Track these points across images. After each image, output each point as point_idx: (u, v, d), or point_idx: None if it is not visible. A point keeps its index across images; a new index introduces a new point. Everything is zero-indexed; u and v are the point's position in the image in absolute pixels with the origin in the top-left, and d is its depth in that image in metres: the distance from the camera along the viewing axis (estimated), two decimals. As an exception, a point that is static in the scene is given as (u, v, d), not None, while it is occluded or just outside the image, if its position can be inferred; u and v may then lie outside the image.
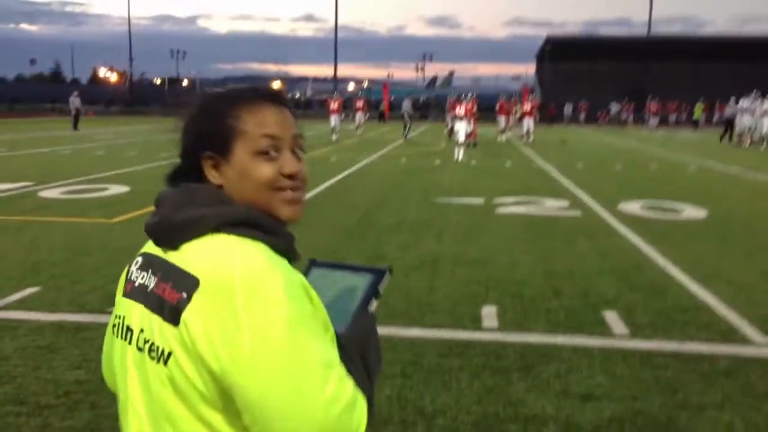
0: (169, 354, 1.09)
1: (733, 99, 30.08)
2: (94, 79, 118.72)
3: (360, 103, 33.20)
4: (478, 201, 11.28)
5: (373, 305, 1.28)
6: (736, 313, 5.39)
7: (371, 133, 31.48)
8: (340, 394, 1.05)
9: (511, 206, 10.76)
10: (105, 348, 1.29)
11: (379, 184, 13.41)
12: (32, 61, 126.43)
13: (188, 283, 1.09)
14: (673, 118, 51.54)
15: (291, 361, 1.02)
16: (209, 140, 1.20)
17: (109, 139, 26.62)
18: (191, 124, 1.24)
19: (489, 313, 5.33)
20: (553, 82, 57.40)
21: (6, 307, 5.32)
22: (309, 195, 11.58)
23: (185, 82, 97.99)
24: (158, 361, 1.11)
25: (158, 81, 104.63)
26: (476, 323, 5.12)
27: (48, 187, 12.18)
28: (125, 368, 1.19)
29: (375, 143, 26.72)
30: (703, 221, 9.71)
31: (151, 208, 1.24)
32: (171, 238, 1.16)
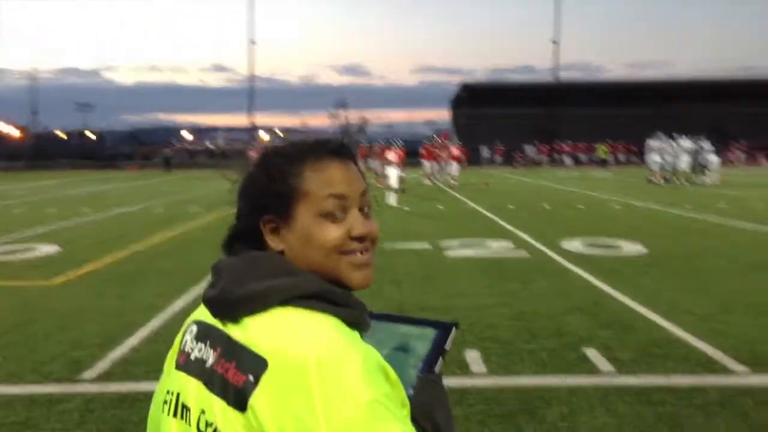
0: None
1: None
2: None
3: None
4: (424, 245, 11.33)
5: (439, 365, 1.20)
6: (708, 344, 5.57)
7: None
8: None
9: (458, 249, 10.86)
10: (151, 425, 1.17)
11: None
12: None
13: (255, 365, 0.99)
14: (584, 158, 53.74)
15: None
16: (269, 202, 1.10)
17: (23, 196, 25.44)
18: (249, 184, 1.15)
19: (474, 359, 5.31)
20: (468, 127, 58.93)
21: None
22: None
23: (92, 135, 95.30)
24: None
25: (63, 135, 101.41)
26: (464, 369, 5.08)
27: (-29, 249, 11.47)
28: None
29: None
30: (644, 257, 10.05)
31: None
32: (233, 312, 1.06)
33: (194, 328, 1.14)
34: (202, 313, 1.13)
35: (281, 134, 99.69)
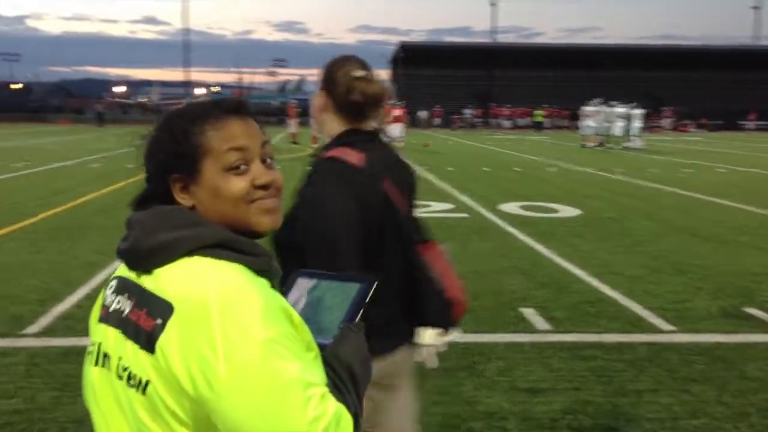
0: (147, 382, 1.07)
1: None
2: None
3: (289, 110, 33.46)
4: (365, 206, 11.40)
5: (359, 316, 1.27)
6: (637, 304, 5.85)
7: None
8: (322, 413, 1.03)
9: (399, 210, 10.96)
10: (84, 375, 1.23)
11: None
12: None
13: (162, 310, 1.06)
14: (521, 121, 54.56)
15: (269, 384, 1.01)
16: (175, 162, 1.16)
17: (-55, 149, 24.35)
18: (155, 146, 1.20)
19: (415, 317, 5.45)
20: (407, 88, 58.93)
21: None
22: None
23: (19, 86, 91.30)
24: (137, 389, 1.09)
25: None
26: (406, 327, 5.22)
27: None
28: (105, 395, 1.16)
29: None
30: (579, 219, 10.38)
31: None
32: (144, 263, 1.13)
33: (114, 283, 1.20)
34: (123, 270, 1.19)
35: (217, 90, 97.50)
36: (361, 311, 1.25)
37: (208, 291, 1.04)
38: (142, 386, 1.06)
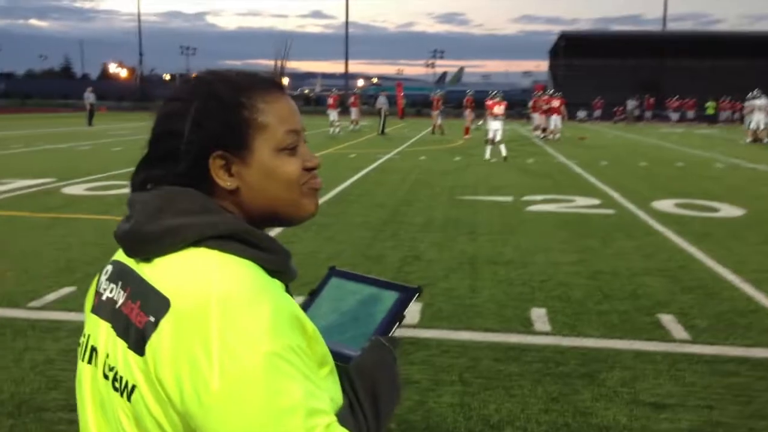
0: (133, 387, 0.92)
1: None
2: (105, 74, 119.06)
3: (353, 99, 33.92)
4: (506, 199, 11.08)
5: (394, 329, 1.11)
6: (798, 317, 5.18)
7: (388, 130, 31.30)
8: None
9: (541, 204, 10.55)
10: (77, 373, 1.10)
11: (403, 182, 13.22)
12: (42, 57, 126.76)
13: (158, 305, 0.92)
14: (691, 114, 51.10)
15: (266, 407, 0.85)
16: (222, 136, 1.00)
17: (125, 135, 26.52)
18: (197, 117, 1.01)
19: (539, 316, 5.14)
20: (567, 79, 56.96)
21: (44, 308, 5.17)
22: (333, 192, 11.46)
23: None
24: (122, 394, 0.94)
25: (168, 77, 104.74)
26: (527, 326, 4.93)
27: (71, 184, 12.06)
28: (90, 396, 1.02)
29: (392, 140, 26.53)
30: (741, 220, 9.46)
31: None
32: (144, 250, 0.99)
33: (109, 268, 1.07)
34: (121, 254, 1.06)
35: (377, 81, 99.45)
36: (398, 324, 1.10)
37: (210, 288, 0.90)
38: (127, 391, 0.94)
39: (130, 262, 1.02)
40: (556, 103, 28.40)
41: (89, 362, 1.03)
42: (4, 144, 20.93)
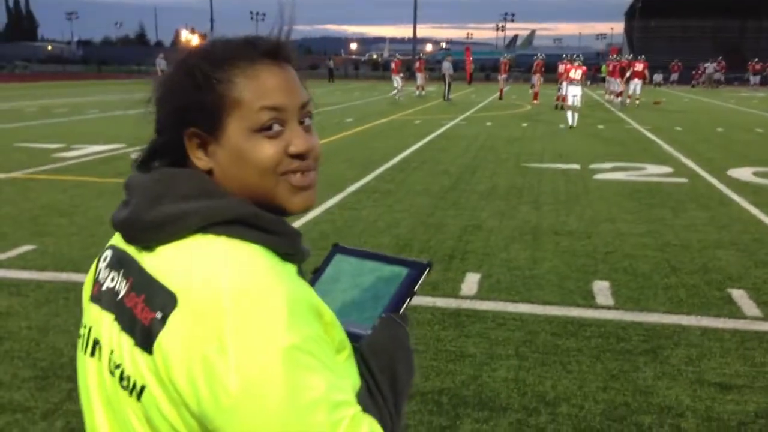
0: (143, 387, 0.86)
1: None
2: (177, 41, 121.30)
3: (418, 65, 33.04)
4: (573, 166, 10.78)
5: (406, 306, 1.03)
6: None
7: (453, 96, 30.87)
8: None
9: (609, 172, 10.22)
10: (78, 366, 1.03)
11: (468, 149, 13.02)
12: (118, 25, 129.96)
13: (164, 300, 0.85)
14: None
15: (289, 405, 0.80)
16: (193, 113, 0.92)
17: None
18: (169, 91, 0.96)
19: (602, 289, 4.98)
20: (643, 41, 54.91)
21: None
22: (396, 159, 11.37)
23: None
24: (130, 393, 0.88)
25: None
26: (589, 300, 4.79)
27: (139, 150, 12.32)
28: (98, 392, 0.95)
29: (457, 106, 26.18)
30: (824, 190, 8.95)
31: None
32: (145, 238, 0.91)
33: (108, 253, 1.00)
34: (119, 239, 0.99)
35: (446, 46, 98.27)
36: (408, 300, 1.03)
37: (221, 281, 0.83)
38: (136, 391, 0.88)
39: (130, 250, 0.95)
40: (639, 66, 27.05)
41: (92, 355, 0.97)
42: (80, 109, 21.60)
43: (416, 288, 1.04)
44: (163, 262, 0.89)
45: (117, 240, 1.00)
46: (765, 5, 56.74)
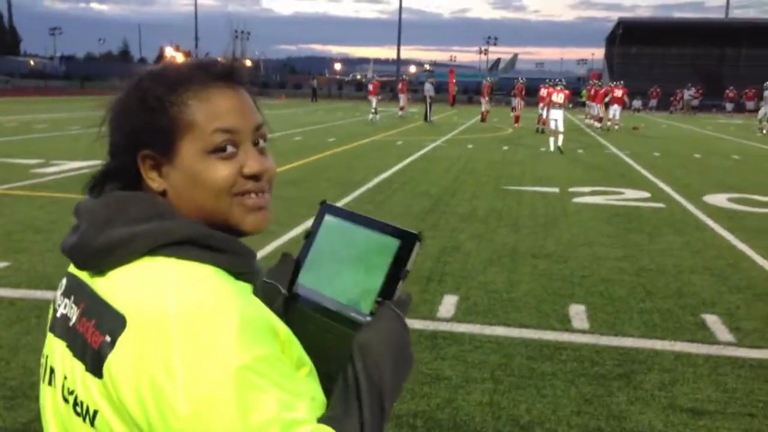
0: (95, 412, 0.86)
1: None
2: (161, 58, 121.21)
3: (401, 86, 33.44)
4: (552, 190, 10.87)
5: (400, 288, 0.98)
6: None
7: (435, 117, 31.04)
8: None
9: (587, 196, 10.32)
10: (40, 394, 1.03)
11: (448, 171, 13.08)
12: (102, 41, 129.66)
13: (113, 323, 0.85)
14: (751, 105, 49.38)
15: (241, 427, 0.78)
16: (147, 135, 0.93)
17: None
18: (122, 114, 0.96)
19: (578, 313, 5.01)
20: (623, 67, 55.64)
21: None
22: (377, 180, 11.40)
23: (248, 63, 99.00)
24: (84, 419, 0.87)
25: (222, 60, 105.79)
26: (565, 324, 4.81)
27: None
28: (53, 420, 0.95)
29: (439, 127, 26.33)
30: (798, 217, 9.08)
31: None
32: (95, 263, 0.91)
33: (64, 281, 1.00)
34: (71, 266, 0.99)
35: (430, 68, 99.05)
36: (403, 279, 0.99)
37: (169, 301, 0.83)
38: (89, 416, 0.87)
39: (83, 276, 0.95)
40: (618, 92, 27.43)
41: (50, 384, 0.97)
42: (61, 125, 21.47)
43: (409, 265, 1.00)
44: (113, 286, 0.89)
45: (71, 268, 0.99)
46: (744, 33, 57.82)
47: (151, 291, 0.85)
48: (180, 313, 0.82)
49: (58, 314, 0.97)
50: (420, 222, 8.07)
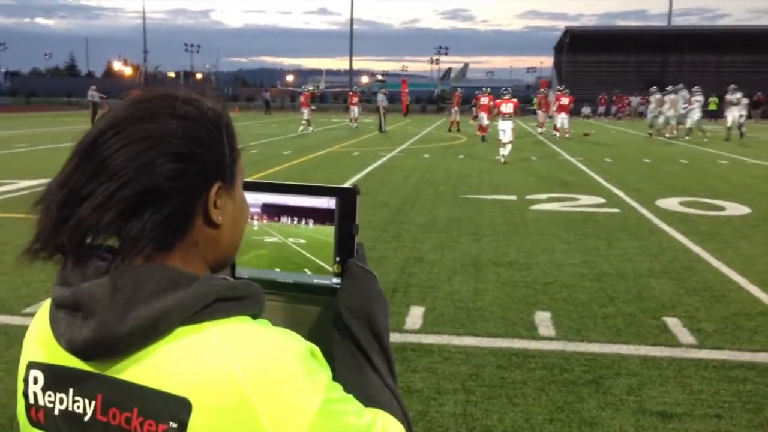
0: None
1: None
2: (109, 72, 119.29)
3: (355, 99, 33.70)
4: (510, 197, 11.00)
5: (357, 247, 1.04)
6: (807, 320, 5.09)
7: (390, 128, 31.16)
8: None
9: (545, 203, 10.46)
10: None
11: (406, 180, 13.13)
12: (47, 56, 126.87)
13: (173, 408, 0.78)
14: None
15: None
16: (220, 168, 0.87)
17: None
18: (203, 145, 0.85)
19: (543, 320, 5.07)
20: (572, 75, 56.72)
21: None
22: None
23: (199, 76, 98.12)
24: None
25: (172, 74, 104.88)
26: (531, 331, 4.86)
27: (72, 184, 11.99)
28: None
29: (394, 137, 26.42)
30: (747, 219, 9.35)
31: None
32: (120, 350, 0.81)
33: (39, 375, 0.87)
34: (39, 354, 0.87)
35: (381, 78, 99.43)
36: (356, 235, 1.03)
37: (230, 366, 0.77)
38: None
39: (77, 364, 0.83)
40: (565, 100, 27.80)
41: None
42: (8, 143, 20.88)
43: (357, 219, 1.03)
44: (154, 368, 0.81)
45: (44, 357, 0.87)
46: (686, 40, 59.46)
47: (206, 362, 0.79)
48: (248, 375, 0.78)
49: (56, 412, 0.85)
50: (381, 233, 8.07)
